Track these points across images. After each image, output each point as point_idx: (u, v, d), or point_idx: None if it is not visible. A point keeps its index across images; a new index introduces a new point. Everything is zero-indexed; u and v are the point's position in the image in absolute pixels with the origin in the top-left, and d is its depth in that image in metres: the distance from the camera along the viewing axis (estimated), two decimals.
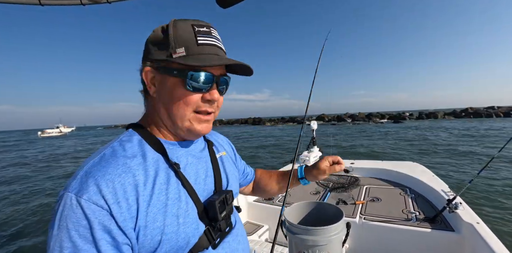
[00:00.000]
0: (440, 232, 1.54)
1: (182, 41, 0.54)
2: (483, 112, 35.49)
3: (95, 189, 0.45)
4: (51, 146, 24.56)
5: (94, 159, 0.51)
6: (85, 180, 0.46)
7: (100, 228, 0.44)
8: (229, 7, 1.43)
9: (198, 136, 0.67)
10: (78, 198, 0.44)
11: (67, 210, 0.44)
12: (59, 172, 10.32)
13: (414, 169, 2.57)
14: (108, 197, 0.46)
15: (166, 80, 0.56)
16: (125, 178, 0.49)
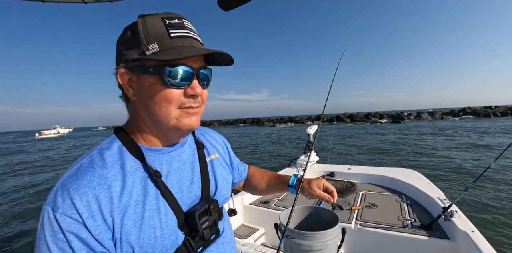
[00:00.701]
0: (435, 239, 1.54)
1: (154, 36, 0.51)
2: (481, 112, 35.61)
3: (69, 203, 0.45)
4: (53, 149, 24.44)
5: (71, 170, 0.50)
6: (60, 194, 0.46)
7: (77, 240, 0.45)
8: (231, 10, 1.43)
9: (189, 132, 0.62)
10: (54, 212, 0.45)
11: (46, 223, 0.45)
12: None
13: (410, 176, 2.58)
14: (82, 211, 0.46)
15: (143, 80, 0.53)
16: (100, 190, 0.48)
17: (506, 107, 36.99)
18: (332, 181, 2.80)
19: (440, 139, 14.51)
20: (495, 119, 30.90)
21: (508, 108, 36.13)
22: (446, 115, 38.26)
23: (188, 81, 0.54)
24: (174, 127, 0.56)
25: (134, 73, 0.53)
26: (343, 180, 2.80)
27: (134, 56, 0.51)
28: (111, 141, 0.57)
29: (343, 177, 2.91)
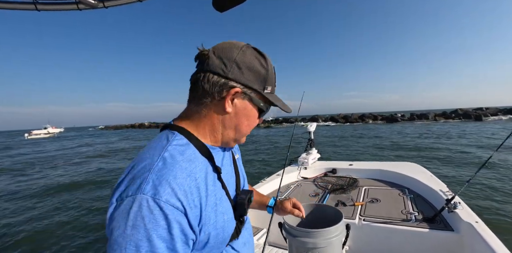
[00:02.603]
0: (440, 232, 1.56)
1: (271, 81, 0.65)
2: (472, 114, 36.19)
3: (170, 192, 0.48)
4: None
5: (157, 162, 0.52)
6: (158, 183, 0.48)
7: (178, 228, 0.48)
8: (226, 11, 1.45)
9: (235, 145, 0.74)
10: (156, 200, 0.46)
11: (145, 211, 0.45)
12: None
13: (412, 170, 2.60)
14: (182, 199, 0.49)
15: (248, 104, 0.64)
16: (190, 181, 0.53)
17: (497, 109, 37.71)
18: (335, 178, 2.82)
19: (440, 139, 14.68)
20: (486, 120, 31.49)
21: (499, 110, 36.84)
22: (438, 116, 38.77)
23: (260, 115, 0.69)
24: (239, 141, 0.70)
25: (244, 95, 0.62)
26: (345, 176, 2.83)
27: (255, 86, 0.62)
28: (179, 138, 0.60)
29: (345, 173, 2.93)
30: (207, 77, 0.59)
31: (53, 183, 8.33)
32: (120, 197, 0.48)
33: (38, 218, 5.14)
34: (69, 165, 12.35)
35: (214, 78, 0.59)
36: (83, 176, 9.26)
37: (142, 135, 38.32)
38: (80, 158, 14.64)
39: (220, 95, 0.60)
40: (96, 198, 6.37)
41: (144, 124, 78.33)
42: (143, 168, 0.51)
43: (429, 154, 10.02)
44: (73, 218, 5.06)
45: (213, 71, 0.59)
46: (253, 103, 0.63)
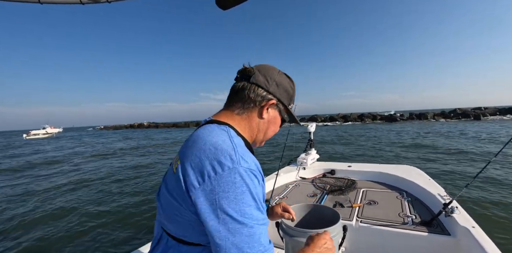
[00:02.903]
0: (436, 236, 1.56)
1: (294, 100, 0.86)
2: (471, 113, 36.29)
3: (255, 166, 0.63)
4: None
5: (234, 145, 0.63)
6: (245, 159, 0.61)
7: (263, 192, 0.66)
8: (229, 9, 1.43)
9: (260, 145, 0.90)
10: (251, 170, 0.61)
11: (247, 179, 0.58)
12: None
13: (410, 173, 2.61)
14: (260, 169, 0.67)
15: (276, 115, 0.82)
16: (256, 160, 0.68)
17: (496, 109, 37.79)
18: (333, 179, 2.82)
19: (439, 139, 14.72)
20: (485, 120, 31.59)
21: (498, 109, 36.92)
22: (437, 116, 38.86)
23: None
24: (262, 142, 0.86)
25: (276, 107, 0.81)
26: (344, 177, 2.83)
27: (285, 101, 0.81)
28: (233, 134, 0.71)
29: (344, 174, 2.93)
30: (253, 88, 0.76)
31: (48, 185, 8.29)
32: (214, 172, 0.57)
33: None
34: (69, 166, 12.31)
35: (258, 90, 0.76)
36: (85, 175, 9.25)
37: (143, 135, 38.28)
38: (81, 159, 14.62)
39: (260, 104, 0.77)
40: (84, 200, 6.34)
41: (143, 124, 78.23)
42: (225, 148, 0.61)
43: (428, 154, 10.05)
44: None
45: (258, 84, 0.76)
46: (280, 114, 0.83)
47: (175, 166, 0.65)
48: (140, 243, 3.83)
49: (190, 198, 0.59)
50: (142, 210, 5.30)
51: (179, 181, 0.60)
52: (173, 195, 0.63)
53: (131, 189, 7.11)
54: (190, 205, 0.59)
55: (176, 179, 0.62)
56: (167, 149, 17.66)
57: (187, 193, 0.59)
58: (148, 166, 10.79)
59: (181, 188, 0.60)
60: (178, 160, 0.65)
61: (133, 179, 8.31)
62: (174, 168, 0.66)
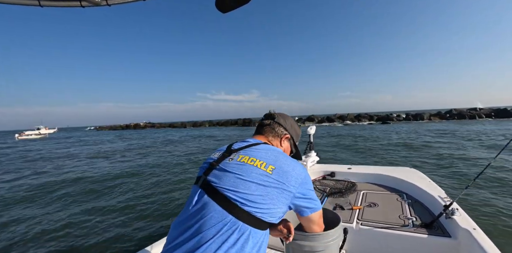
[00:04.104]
0: (437, 238, 1.57)
1: (298, 139, 1.23)
2: (467, 114, 36.62)
3: None
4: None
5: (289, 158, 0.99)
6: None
7: None
8: (229, 12, 1.43)
9: None
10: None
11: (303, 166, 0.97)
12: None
13: (410, 175, 2.61)
14: None
15: (288, 146, 1.18)
16: None
17: (490, 109, 38.17)
18: (333, 181, 2.83)
19: (436, 140, 14.81)
20: (480, 120, 31.88)
21: (492, 110, 37.29)
22: (433, 116, 39.15)
23: None
24: None
25: (289, 140, 1.18)
26: (344, 180, 2.84)
27: (294, 138, 1.19)
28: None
29: (344, 177, 2.94)
30: (276, 125, 1.14)
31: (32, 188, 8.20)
32: (303, 171, 0.95)
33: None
34: (55, 167, 12.14)
35: (280, 128, 1.14)
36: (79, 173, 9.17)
37: (137, 135, 38.06)
38: (75, 159, 14.46)
39: (280, 136, 1.13)
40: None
41: (139, 124, 77.80)
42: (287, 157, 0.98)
43: (427, 155, 10.09)
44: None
45: (280, 123, 1.14)
46: (291, 145, 1.18)
47: (262, 165, 0.89)
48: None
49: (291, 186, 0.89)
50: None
51: (278, 177, 0.87)
52: (272, 187, 0.86)
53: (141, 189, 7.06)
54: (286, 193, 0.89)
55: (264, 173, 0.87)
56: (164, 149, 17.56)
57: (286, 184, 0.88)
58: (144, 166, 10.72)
59: (277, 182, 0.86)
60: (263, 162, 0.90)
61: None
62: (260, 166, 0.88)
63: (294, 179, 0.89)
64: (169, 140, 25.55)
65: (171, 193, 6.59)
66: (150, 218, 4.90)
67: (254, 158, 0.91)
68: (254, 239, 0.80)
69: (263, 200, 0.82)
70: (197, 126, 60.63)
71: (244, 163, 0.90)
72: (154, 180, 8.11)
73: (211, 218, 0.78)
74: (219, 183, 0.85)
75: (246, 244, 0.77)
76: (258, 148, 0.98)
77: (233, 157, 0.94)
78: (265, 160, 0.90)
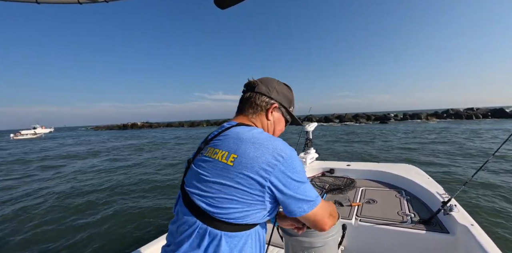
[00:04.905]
0: (435, 234, 1.58)
1: (293, 104, 1.01)
2: (464, 114, 36.87)
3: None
4: None
5: (279, 141, 0.79)
6: (286, 145, 0.78)
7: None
8: (227, 8, 1.43)
9: None
10: (293, 150, 0.78)
11: (294, 154, 0.77)
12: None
13: (409, 171, 2.62)
14: None
15: (279, 116, 0.97)
16: None
17: (487, 109, 38.45)
18: (332, 178, 2.84)
19: (435, 139, 14.88)
20: (477, 120, 32.12)
21: (489, 110, 37.57)
22: (430, 116, 39.37)
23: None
24: None
25: (278, 110, 0.95)
26: (343, 176, 2.85)
27: (285, 105, 0.97)
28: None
29: (343, 173, 2.94)
30: (258, 96, 0.92)
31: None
32: (281, 156, 0.73)
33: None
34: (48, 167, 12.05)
35: (262, 97, 0.92)
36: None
37: (133, 134, 37.90)
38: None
39: (266, 108, 0.92)
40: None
41: (136, 124, 77.43)
42: (275, 139, 0.78)
43: (426, 153, 10.16)
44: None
45: (262, 93, 0.92)
46: (283, 115, 0.97)
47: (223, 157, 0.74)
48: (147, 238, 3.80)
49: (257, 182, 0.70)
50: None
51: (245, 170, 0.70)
52: (242, 184, 0.71)
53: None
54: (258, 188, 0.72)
55: (236, 169, 0.71)
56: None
57: (257, 178, 0.70)
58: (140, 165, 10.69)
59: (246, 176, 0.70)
60: (224, 152, 0.75)
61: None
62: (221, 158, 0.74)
63: (266, 165, 0.70)
64: (166, 139, 25.52)
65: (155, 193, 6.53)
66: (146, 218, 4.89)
67: (218, 149, 0.77)
68: (230, 244, 0.71)
69: (228, 203, 0.70)
70: (194, 126, 60.64)
71: (208, 157, 0.78)
72: (152, 181, 8.08)
73: (184, 223, 0.75)
74: (188, 185, 0.78)
75: (219, 250, 0.70)
76: (227, 134, 0.81)
77: (203, 151, 0.82)
78: (228, 149, 0.75)
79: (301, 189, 0.74)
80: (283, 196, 0.72)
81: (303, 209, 0.75)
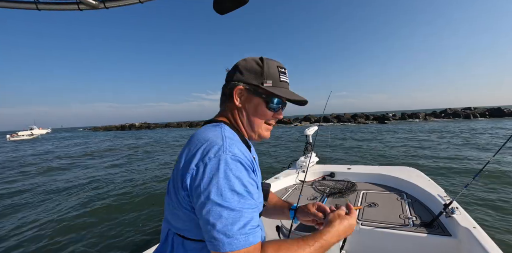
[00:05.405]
0: (437, 237, 1.58)
1: (271, 76, 0.76)
2: (461, 113, 36.98)
3: (241, 153, 0.65)
4: None
5: (224, 137, 0.67)
6: (232, 148, 0.64)
7: (252, 174, 0.66)
8: (226, 13, 1.44)
9: (262, 140, 0.86)
10: (236, 157, 0.62)
11: (232, 165, 0.61)
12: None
13: (410, 174, 2.63)
14: (248, 157, 0.68)
15: (252, 98, 0.77)
16: (247, 154, 0.70)
17: (485, 108, 38.60)
18: (333, 182, 2.84)
19: (434, 139, 14.89)
20: (475, 119, 32.26)
21: (487, 109, 37.72)
22: (428, 116, 39.47)
23: (278, 108, 0.81)
24: (258, 133, 0.82)
25: (247, 91, 0.77)
26: (344, 180, 2.85)
27: (254, 82, 0.76)
28: (227, 129, 0.75)
29: (343, 177, 2.94)
30: (225, 84, 0.80)
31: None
32: (202, 161, 0.61)
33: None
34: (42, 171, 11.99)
35: (227, 83, 0.79)
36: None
37: (131, 135, 37.75)
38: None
39: (231, 95, 0.77)
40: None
41: (134, 124, 77.05)
42: (215, 140, 0.65)
43: (425, 154, 10.15)
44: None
45: (226, 80, 0.80)
46: (255, 96, 0.77)
47: (175, 164, 0.71)
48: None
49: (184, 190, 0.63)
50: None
51: (177, 177, 0.65)
52: (173, 190, 0.67)
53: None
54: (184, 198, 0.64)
55: (175, 175, 0.68)
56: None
57: (181, 186, 0.63)
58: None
59: (177, 182, 0.65)
60: (177, 158, 0.71)
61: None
62: (174, 166, 0.72)
63: (185, 170, 0.63)
64: (164, 140, 25.45)
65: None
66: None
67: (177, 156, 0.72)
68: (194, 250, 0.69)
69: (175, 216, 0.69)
70: (193, 126, 60.52)
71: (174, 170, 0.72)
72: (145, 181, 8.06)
73: (162, 228, 0.78)
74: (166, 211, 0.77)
75: None
76: (189, 138, 0.73)
77: None
78: (179, 154, 0.71)
79: (211, 212, 0.57)
80: (199, 216, 0.61)
81: (213, 245, 0.56)
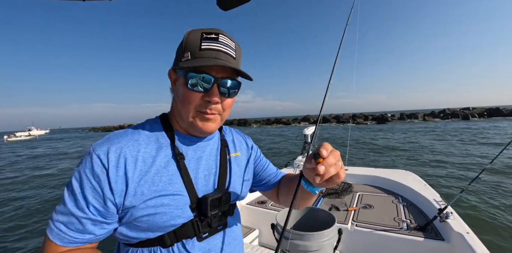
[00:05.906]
0: (431, 241, 1.58)
1: (189, 47, 0.60)
2: (460, 113, 37.13)
3: (105, 150, 0.57)
4: None
5: (122, 130, 0.63)
6: (103, 142, 0.59)
7: (96, 179, 0.55)
8: (230, 10, 1.43)
9: (203, 133, 0.69)
10: (93, 151, 0.57)
11: (85, 159, 0.57)
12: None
13: (406, 177, 2.63)
14: (111, 159, 0.56)
15: (178, 80, 0.64)
16: (131, 151, 0.59)
17: (483, 109, 38.77)
18: None
19: (433, 142, 14.89)
20: (473, 120, 32.35)
21: (485, 109, 37.88)
22: (427, 116, 39.59)
23: (208, 87, 0.61)
24: (191, 124, 0.65)
25: (176, 73, 0.64)
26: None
27: (177, 61, 0.62)
28: (155, 120, 0.70)
29: None
30: None
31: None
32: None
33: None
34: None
35: None
36: None
37: None
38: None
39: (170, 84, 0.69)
40: None
41: (133, 125, 76.91)
42: (104, 137, 0.62)
43: (423, 156, 10.16)
44: None
45: None
46: (179, 76, 0.63)
47: None
48: None
49: None
50: None
51: None
52: None
53: None
54: None
55: None
56: None
57: None
58: None
59: None
60: None
61: None
62: None
63: None
64: None
65: None
66: None
67: None
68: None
69: None
70: None
71: None
72: None
73: None
74: None
75: None
76: None
77: None
78: None
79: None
80: None
81: None
